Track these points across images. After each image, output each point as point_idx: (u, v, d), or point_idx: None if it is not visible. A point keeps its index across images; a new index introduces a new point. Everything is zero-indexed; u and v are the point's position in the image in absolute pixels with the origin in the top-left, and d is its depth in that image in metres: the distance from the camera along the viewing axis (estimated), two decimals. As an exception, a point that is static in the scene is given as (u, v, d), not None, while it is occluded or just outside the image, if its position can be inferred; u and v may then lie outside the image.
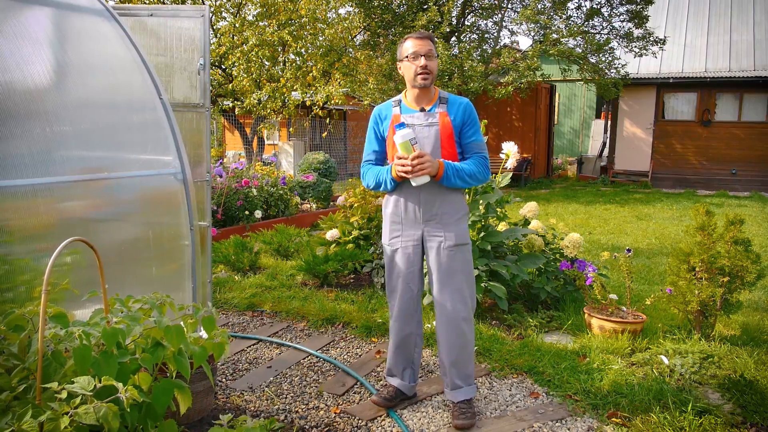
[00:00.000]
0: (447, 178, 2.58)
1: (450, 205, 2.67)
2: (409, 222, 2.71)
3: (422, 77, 2.60)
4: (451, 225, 2.66)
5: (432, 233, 2.68)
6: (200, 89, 3.47)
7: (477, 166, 2.66)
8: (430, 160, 2.52)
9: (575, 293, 4.23)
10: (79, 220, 2.66)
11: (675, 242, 7.31)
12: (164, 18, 3.44)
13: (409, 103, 2.73)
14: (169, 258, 3.03)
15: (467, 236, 2.71)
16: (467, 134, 2.68)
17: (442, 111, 2.65)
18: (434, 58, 2.62)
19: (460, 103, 2.69)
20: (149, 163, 2.94)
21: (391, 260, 2.79)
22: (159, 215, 2.99)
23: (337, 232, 5.14)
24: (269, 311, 4.38)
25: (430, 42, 2.64)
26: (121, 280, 2.94)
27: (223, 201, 6.87)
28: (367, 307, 4.28)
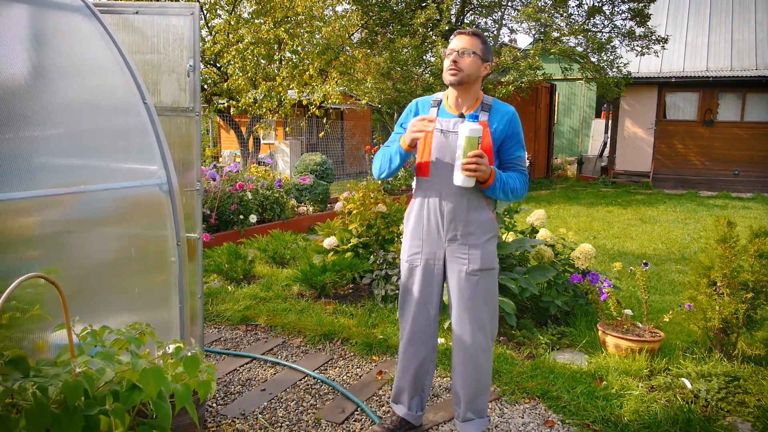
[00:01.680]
0: (493, 189, 2.36)
1: (478, 224, 2.43)
2: (431, 239, 2.48)
3: (450, 72, 2.37)
4: (477, 246, 2.42)
5: (455, 254, 2.45)
6: (190, 92, 3.24)
7: (521, 183, 2.44)
8: (486, 164, 2.28)
9: (586, 306, 4.02)
10: (51, 237, 2.43)
11: (682, 248, 7.11)
12: (151, 16, 3.21)
13: (448, 105, 2.49)
14: (154, 276, 2.80)
15: (494, 260, 2.47)
16: (510, 149, 2.45)
17: (483, 120, 2.41)
18: (471, 55, 2.36)
19: (506, 112, 2.44)
20: (132, 174, 2.70)
21: (407, 278, 2.57)
22: (143, 230, 2.76)
23: (335, 240, 4.91)
24: (264, 325, 4.15)
25: (474, 39, 2.38)
26: (101, 301, 2.71)
27: (217, 205, 6.63)
28: (367, 321, 4.05)
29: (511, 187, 2.39)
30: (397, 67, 12.62)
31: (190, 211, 3.33)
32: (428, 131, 2.33)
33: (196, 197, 3.32)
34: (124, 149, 2.72)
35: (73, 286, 2.64)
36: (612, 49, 12.81)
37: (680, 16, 16.16)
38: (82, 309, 2.70)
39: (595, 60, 13.13)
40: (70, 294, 2.67)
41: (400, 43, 12.26)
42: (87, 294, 2.70)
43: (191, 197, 3.32)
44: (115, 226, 2.69)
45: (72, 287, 2.64)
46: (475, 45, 2.38)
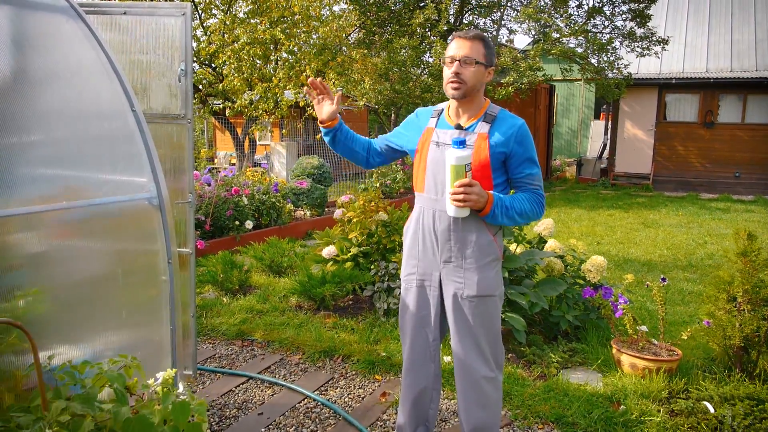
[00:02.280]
0: (492, 216, 2.13)
1: (475, 246, 2.20)
2: (426, 259, 2.30)
3: (452, 87, 2.14)
4: (473, 270, 2.20)
5: (450, 277, 2.24)
6: (181, 98, 3.05)
7: (531, 204, 2.19)
8: (478, 192, 2.05)
9: (597, 320, 3.85)
10: (33, 256, 2.25)
11: (688, 254, 6.96)
12: (140, 16, 3.02)
13: (448, 116, 2.29)
14: (144, 295, 2.61)
15: (495, 286, 2.25)
16: (519, 167, 2.19)
17: (483, 132, 2.17)
18: (474, 64, 2.13)
19: (512, 124, 2.17)
20: (119, 187, 2.52)
21: (404, 299, 2.39)
22: (131, 247, 2.57)
23: (334, 249, 4.73)
24: (260, 340, 3.96)
25: (476, 44, 2.14)
26: (88, 322, 2.53)
27: (212, 211, 6.44)
28: (368, 337, 3.87)
29: (517, 210, 2.15)
30: (395, 68, 12.45)
31: (181, 225, 3.15)
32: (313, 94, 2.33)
33: (188, 210, 3.14)
34: (111, 160, 2.53)
35: (58, 306, 2.46)
36: (613, 50, 12.66)
37: (679, 16, 16.04)
38: (70, 329, 2.52)
39: (595, 61, 12.99)
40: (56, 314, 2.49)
41: (398, 43, 12.09)
42: (73, 314, 2.51)
43: (183, 210, 3.14)
44: (101, 244, 2.51)
45: (58, 307, 2.46)
46: (477, 51, 2.15)
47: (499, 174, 2.22)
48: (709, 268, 6.21)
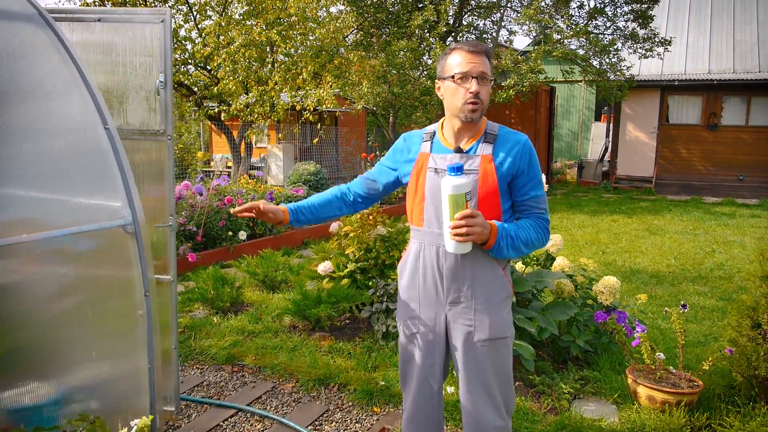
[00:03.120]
0: (498, 249, 1.90)
1: (486, 284, 1.97)
2: (429, 301, 2.04)
3: (472, 108, 1.90)
4: (485, 311, 1.97)
5: (458, 320, 2.00)
6: (161, 112, 2.82)
7: (537, 231, 1.96)
8: (481, 224, 1.82)
9: (610, 345, 3.62)
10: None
11: (696, 264, 6.73)
12: (115, 23, 2.79)
13: (444, 138, 2.04)
14: (118, 332, 2.38)
15: (508, 326, 2.03)
16: (524, 188, 1.97)
17: (486, 154, 1.94)
18: (489, 81, 1.92)
19: (516, 142, 1.96)
20: (90, 212, 2.28)
21: (405, 347, 2.13)
22: (104, 281, 2.34)
23: (330, 266, 4.50)
24: (252, 365, 3.73)
25: (486, 58, 1.93)
26: (55, 364, 2.30)
27: (204, 221, 6.20)
28: (366, 363, 3.64)
29: (523, 240, 1.93)
30: (393, 70, 12.21)
31: (162, 250, 2.91)
32: None
33: (168, 234, 2.91)
34: (81, 183, 2.30)
35: (27, 342, 2.23)
36: (615, 52, 12.43)
37: (680, 16, 15.82)
38: (39, 367, 2.29)
39: (597, 63, 12.77)
40: (23, 351, 2.26)
41: (396, 45, 11.86)
42: (41, 351, 2.28)
43: (163, 233, 2.91)
44: (71, 277, 2.27)
45: (26, 343, 2.23)
46: (488, 65, 1.94)
47: (506, 199, 2.00)
48: (719, 280, 5.98)
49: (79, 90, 2.36)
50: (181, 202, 6.07)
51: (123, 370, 2.47)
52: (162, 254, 2.94)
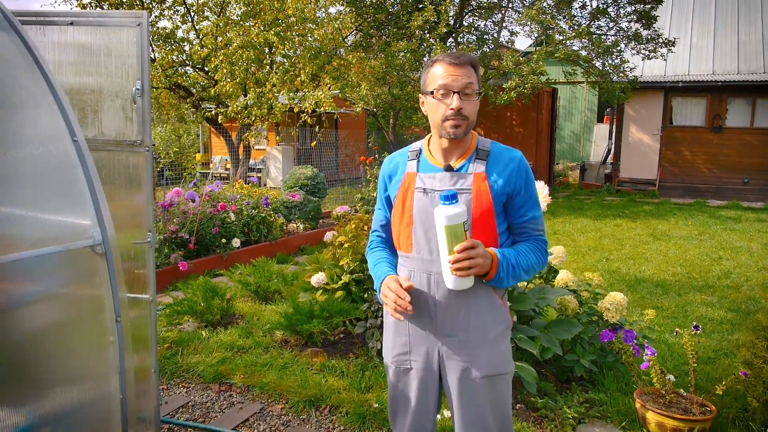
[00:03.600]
0: (498, 279, 1.73)
1: (484, 313, 1.80)
2: (420, 335, 1.86)
3: (453, 124, 1.73)
4: (482, 346, 1.79)
5: (453, 355, 1.82)
6: (138, 121, 2.65)
7: (537, 256, 1.81)
8: (483, 254, 1.66)
9: (616, 363, 3.44)
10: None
11: (703, 271, 6.55)
12: (89, 27, 2.62)
13: (431, 155, 1.86)
14: (87, 364, 2.21)
15: (508, 361, 1.85)
16: (521, 209, 1.81)
17: (479, 171, 1.77)
18: (475, 95, 1.75)
19: (510, 158, 1.80)
20: (55, 231, 2.11)
21: (396, 383, 1.94)
22: (70, 306, 2.16)
23: (323, 277, 4.32)
24: (240, 384, 3.55)
25: (472, 70, 1.75)
26: (14, 394, 2.12)
27: (196, 228, 6.03)
28: (359, 383, 3.46)
29: (524, 267, 1.77)
30: (393, 72, 12.04)
31: (140, 268, 2.74)
32: (401, 306, 1.72)
33: (147, 251, 2.74)
34: (45, 200, 2.13)
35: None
36: (618, 53, 12.24)
37: (684, 17, 15.63)
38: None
39: (600, 64, 12.58)
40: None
41: (396, 46, 11.69)
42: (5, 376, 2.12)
43: (141, 251, 2.74)
44: (34, 301, 2.10)
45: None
46: (474, 77, 1.76)
47: (501, 220, 1.82)
48: (727, 290, 5.80)
49: (46, 99, 2.19)
50: (173, 209, 5.90)
51: (93, 400, 2.29)
52: (140, 272, 2.76)
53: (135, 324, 2.87)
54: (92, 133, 2.75)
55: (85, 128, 2.74)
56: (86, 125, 2.74)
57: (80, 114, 2.73)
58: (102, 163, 2.74)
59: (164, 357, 3.87)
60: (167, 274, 5.59)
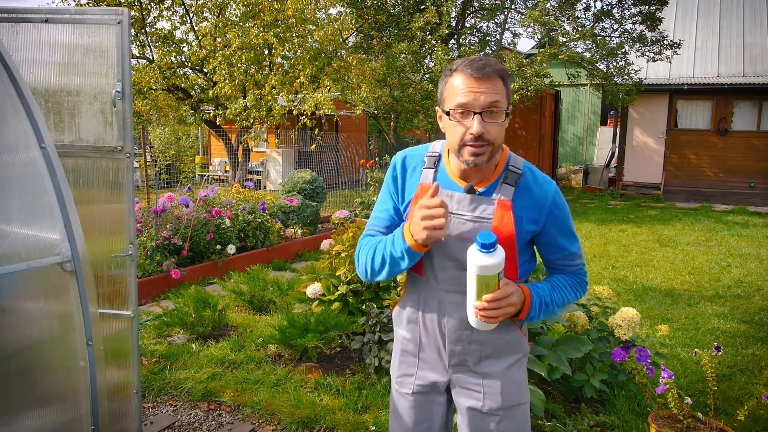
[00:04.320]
0: (530, 318, 1.56)
1: (500, 345, 1.62)
2: (428, 360, 1.68)
3: (472, 152, 1.46)
4: (496, 376, 1.61)
5: (462, 386, 1.64)
6: (118, 126, 2.47)
7: (575, 290, 1.63)
8: (514, 302, 1.46)
9: (628, 383, 3.25)
10: None
11: (713, 280, 6.35)
12: (66, 25, 2.44)
13: (452, 171, 1.60)
14: (55, 392, 2.02)
15: (524, 390, 1.67)
16: (554, 246, 1.60)
17: (504, 199, 1.53)
18: (502, 115, 1.45)
19: (543, 196, 1.55)
20: (20, 246, 1.93)
21: (396, 406, 1.76)
22: (35, 329, 1.98)
23: (319, 288, 4.14)
24: (230, 403, 3.37)
25: (500, 83, 1.45)
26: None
27: (190, 235, 5.85)
28: (356, 402, 3.27)
29: (559, 302, 1.59)
30: (394, 74, 11.86)
31: (120, 282, 2.56)
32: (442, 225, 1.40)
33: (128, 264, 2.55)
34: (9, 212, 1.95)
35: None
36: (623, 55, 12.05)
37: (688, 19, 15.44)
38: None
39: (604, 67, 12.39)
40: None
41: (397, 48, 11.51)
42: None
43: (122, 264, 2.55)
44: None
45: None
46: (502, 92, 1.46)
47: (525, 252, 1.62)
48: (738, 300, 5.60)
49: (11, 103, 2.01)
50: (166, 214, 5.72)
51: (62, 427, 2.11)
52: (121, 288, 2.58)
53: (116, 340, 2.70)
54: (69, 138, 2.57)
55: (62, 133, 2.56)
56: (62, 130, 2.56)
57: (56, 118, 2.55)
58: (80, 170, 2.56)
59: (152, 372, 3.68)
60: (159, 282, 5.41)
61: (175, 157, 15.31)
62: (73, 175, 2.56)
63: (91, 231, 2.57)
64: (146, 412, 3.28)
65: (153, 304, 5.10)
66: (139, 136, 9.77)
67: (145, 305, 5.11)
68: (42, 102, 2.52)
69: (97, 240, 2.58)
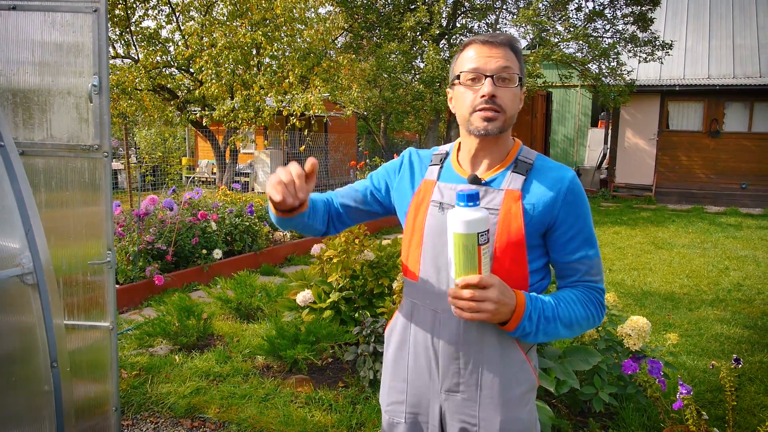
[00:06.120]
0: (523, 333, 1.33)
1: (501, 367, 1.40)
2: (418, 383, 1.49)
3: (483, 116, 1.34)
4: (494, 407, 1.40)
5: (456, 414, 1.43)
6: (95, 123, 2.26)
7: (586, 308, 1.38)
8: (496, 299, 1.24)
9: (638, 396, 3.08)
10: None
11: (711, 283, 6.23)
12: (36, 13, 2.23)
13: (458, 163, 1.48)
14: (12, 418, 1.81)
15: (533, 424, 1.45)
16: (568, 245, 1.39)
17: (513, 188, 1.38)
18: (515, 81, 1.36)
19: (558, 178, 1.38)
20: (-23, 259, 1.72)
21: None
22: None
23: (310, 295, 3.94)
24: (214, 419, 3.16)
25: (511, 53, 1.37)
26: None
27: (174, 239, 5.62)
28: (349, 419, 3.07)
29: (565, 321, 1.35)
30: (384, 74, 11.68)
31: (97, 291, 2.35)
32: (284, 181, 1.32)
33: (107, 272, 2.35)
34: (-35, 220, 1.74)
35: None
36: (615, 56, 11.95)
37: (679, 20, 15.41)
38: None
39: (596, 68, 12.30)
40: None
41: (387, 48, 11.34)
42: None
43: (99, 272, 2.35)
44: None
45: None
46: (514, 60, 1.37)
47: (537, 254, 1.42)
48: (740, 304, 5.47)
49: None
50: (149, 218, 5.49)
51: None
52: (99, 297, 2.37)
53: (92, 353, 2.49)
54: (40, 136, 2.36)
55: (31, 131, 2.35)
56: (32, 127, 2.35)
57: (25, 114, 2.34)
58: (52, 171, 2.35)
59: (131, 386, 3.46)
60: (142, 288, 5.18)
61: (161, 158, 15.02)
62: (45, 176, 2.36)
63: (65, 236, 2.37)
64: (125, 430, 3.07)
65: (135, 312, 4.87)
66: (122, 137, 9.51)
67: (126, 313, 4.88)
68: (9, 96, 2.31)
69: (72, 246, 2.38)
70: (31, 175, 2.27)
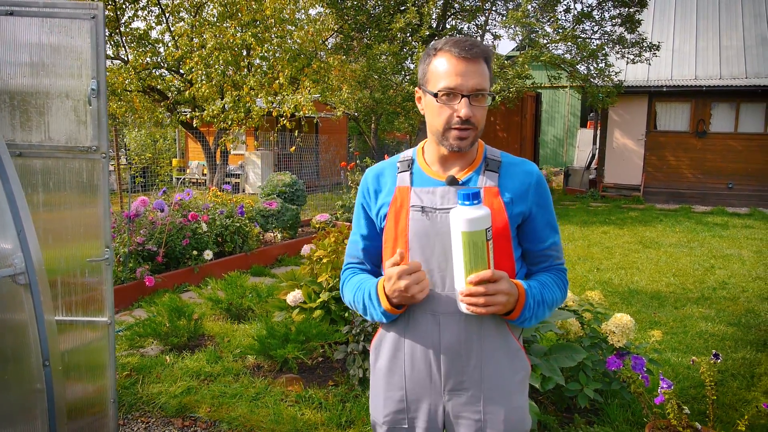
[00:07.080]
0: (523, 320, 1.43)
1: (500, 359, 1.47)
2: (419, 388, 1.52)
3: (458, 136, 1.40)
4: (499, 400, 1.47)
5: (462, 413, 1.49)
6: (93, 125, 2.30)
7: (561, 290, 1.52)
8: (507, 291, 1.34)
9: (622, 391, 3.14)
10: None
11: (697, 282, 6.32)
12: (35, 18, 2.25)
13: (426, 165, 1.53)
14: (7, 419, 1.83)
15: (526, 418, 1.52)
16: (541, 233, 1.50)
17: (490, 186, 1.46)
18: (486, 98, 1.42)
19: (526, 172, 1.49)
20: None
21: None
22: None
23: (300, 295, 3.97)
24: (205, 419, 3.19)
25: (485, 66, 1.41)
26: None
27: (165, 240, 5.64)
28: (339, 417, 3.11)
29: (549, 303, 1.47)
30: (374, 75, 11.73)
31: (95, 288, 2.38)
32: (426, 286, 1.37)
33: (104, 269, 2.38)
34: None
35: None
36: (603, 57, 12.07)
37: (666, 20, 15.57)
38: None
39: (584, 69, 12.40)
40: None
41: (377, 49, 11.38)
42: None
43: (97, 269, 2.38)
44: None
45: None
46: (487, 74, 1.43)
47: (516, 244, 1.52)
48: (724, 301, 5.56)
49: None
50: (139, 219, 5.50)
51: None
52: (96, 293, 2.40)
53: (91, 350, 2.52)
54: (38, 138, 2.38)
55: (29, 132, 2.38)
56: (30, 129, 2.38)
57: (23, 117, 2.37)
58: (50, 172, 2.38)
59: (123, 387, 3.48)
60: (132, 289, 5.19)
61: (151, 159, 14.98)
62: (43, 177, 2.39)
63: (63, 235, 2.41)
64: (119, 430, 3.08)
65: (125, 313, 4.89)
66: (112, 138, 9.48)
67: (117, 314, 4.89)
68: (6, 99, 2.33)
69: (71, 244, 2.41)
70: (29, 176, 2.30)
